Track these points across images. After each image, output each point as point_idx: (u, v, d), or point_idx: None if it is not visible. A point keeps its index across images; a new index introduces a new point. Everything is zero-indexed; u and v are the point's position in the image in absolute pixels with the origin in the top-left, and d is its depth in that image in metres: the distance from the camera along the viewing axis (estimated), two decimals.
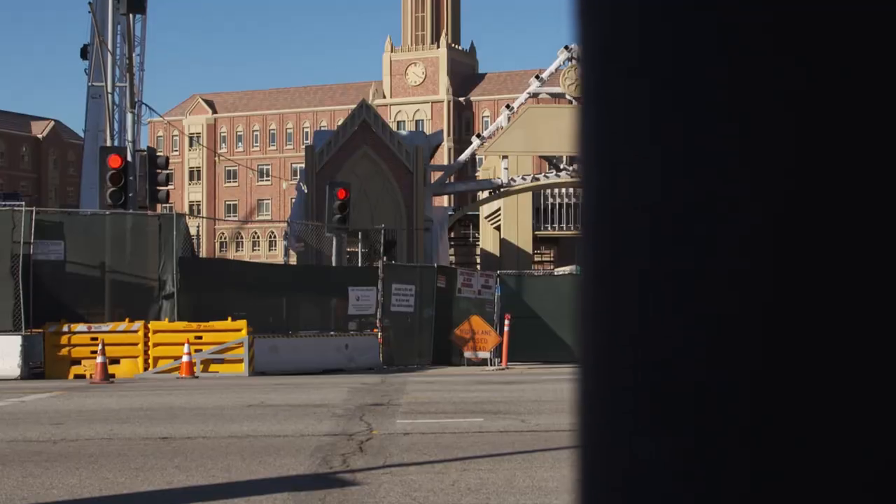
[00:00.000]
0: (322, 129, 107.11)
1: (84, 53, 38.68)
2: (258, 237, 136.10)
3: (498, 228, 67.64)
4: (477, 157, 58.06)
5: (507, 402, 17.79)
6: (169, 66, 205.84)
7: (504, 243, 66.14)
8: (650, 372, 0.78)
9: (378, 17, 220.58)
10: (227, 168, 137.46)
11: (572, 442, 0.89)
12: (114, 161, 29.46)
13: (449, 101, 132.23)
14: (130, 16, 33.90)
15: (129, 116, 34.10)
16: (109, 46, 35.51)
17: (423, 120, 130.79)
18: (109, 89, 34.94)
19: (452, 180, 55.66)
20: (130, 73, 34.00)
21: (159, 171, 32.77)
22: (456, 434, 13.40)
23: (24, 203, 36.12)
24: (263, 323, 28.93)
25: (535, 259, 72.74)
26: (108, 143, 34.52)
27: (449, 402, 17.92)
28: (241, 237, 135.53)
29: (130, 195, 30.06)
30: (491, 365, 31.23)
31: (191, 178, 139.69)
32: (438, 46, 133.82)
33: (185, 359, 25.91)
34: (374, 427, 14.00)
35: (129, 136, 33.62)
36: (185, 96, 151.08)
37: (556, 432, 13.73)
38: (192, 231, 33.19)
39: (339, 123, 53.18)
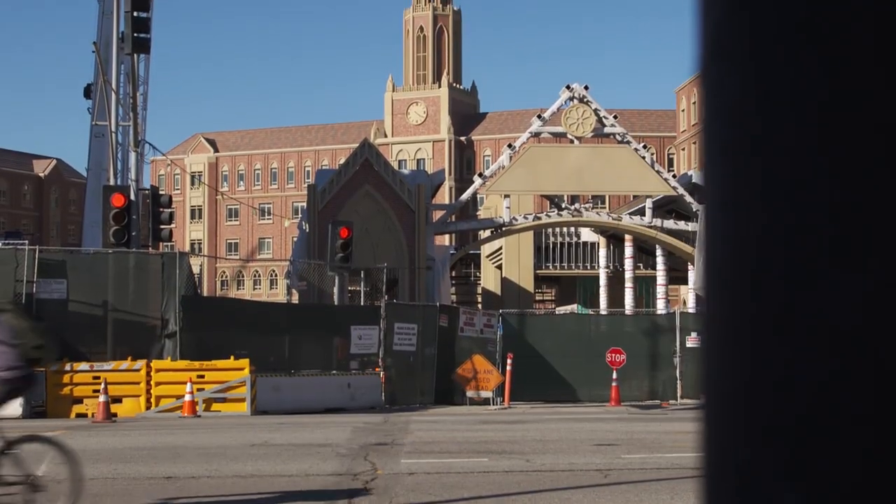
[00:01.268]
0: (324, 167, 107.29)
1: (87, 93, 38.80)
2: (259, 276, 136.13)
3: (499, 267, 67.59)
4: (478, 196, 58.17)
5: (510, 442, 17.74)
6: (171, 104, 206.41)
7: (505, 282, 66.08)
8: (785, 420, 0.79)
9: (380, 57, 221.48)
10: (228, 207, 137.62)
11: (697, 485, 0.89)
12: (117, 200, 29.52)
13: (450, 140, 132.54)
14: (134, 55, 34.02)
15: (132, 155, 34.17)
16: (113, 85, 35.65)
17: (424, 159, 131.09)
18: (113, 128, 35.05)
19: (454, 219, 55.71)
20: (134, 112, 34.10)
21: (162, 209, 32.81)
22: (461, 474, 13.36)
23: (27, 241, 36.14)
24: (265, 361, 28.88)
25: (537, 298, 72.66)
26: (112, 182, 34.59)
27: (453, 442, 17.87)
28: (243, 276, 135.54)
29: (133, 234, 30.08)
30: (493, 404, 31.15)
31: (192, 217, 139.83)
32: (440, 86, 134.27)
33: (187, 398, 25.85)
34: (378, 467, 13.96)
35: (133, 175, 33.67)
36: (187, 135, 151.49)
37: (562, 472, 13.69)
38: (194, 269, 33.18)
39: (341, 162, 53.24)
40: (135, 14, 31.16)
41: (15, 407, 25.70)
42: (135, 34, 31.55)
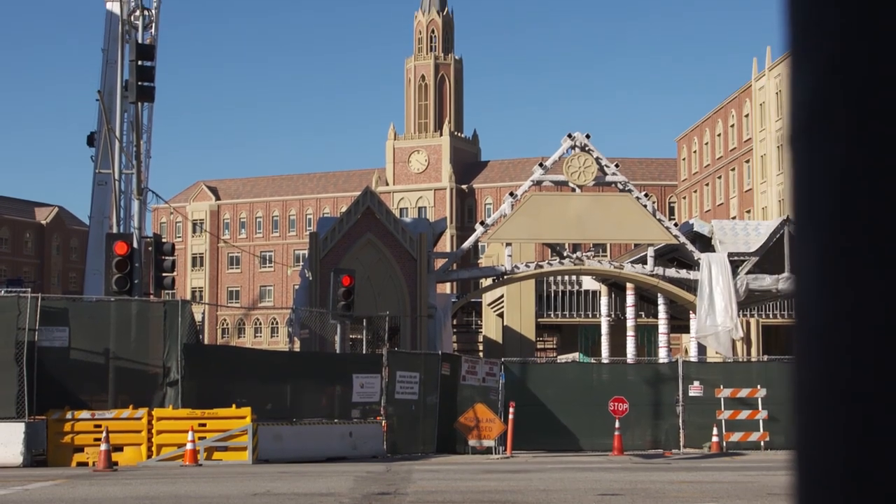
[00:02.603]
0: (325, 215, 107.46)
1: (91, 141, 38.92)
2: (260, 324, 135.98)
3: (501, 315, 67.50)
4: (480, 244, 58.28)
5: (514, 492, 17.64)
6: (172, 152, 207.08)
7: (507, 330, 65.98)
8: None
9: (381, 106, 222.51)
10: (230, 254, 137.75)
11: None
12: (120, 248, 29.55)
13: (451, 189, 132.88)
14: (138, 104, 34.17)
15: (135, 203, 34.24)
16: (117, 133, 35.78)
17: (425, 207, 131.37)
18: (116, 176, 35.13)
19: (456, 268, 55.73)
20: (138, 160, 34.22)
21: (164, 257, 32.84)
22: None
23: (28, 289, 36.13)
24: (267, 410, 28.79)
25: (538, 346, 72.48)
26: (114, 230, 34.64)
27: (456, 492, 17.78)
28: (244, 324, 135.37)
29: (136, 282, 30.09)
30: (495, 453, 31.02)
31: (194, 265, 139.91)
32: (441, 134, 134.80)
33: (188, 446, 25.73)
34: None
35: (135, 223, 33.72)
36: (188, 183, 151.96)
37: None
38: (196, 318, 33.14)
39: (343, 210, 53.33)
40: (139, 63, 31.35)
41: (16, 455, 25.61)
42: (139, 83, 31.74)
